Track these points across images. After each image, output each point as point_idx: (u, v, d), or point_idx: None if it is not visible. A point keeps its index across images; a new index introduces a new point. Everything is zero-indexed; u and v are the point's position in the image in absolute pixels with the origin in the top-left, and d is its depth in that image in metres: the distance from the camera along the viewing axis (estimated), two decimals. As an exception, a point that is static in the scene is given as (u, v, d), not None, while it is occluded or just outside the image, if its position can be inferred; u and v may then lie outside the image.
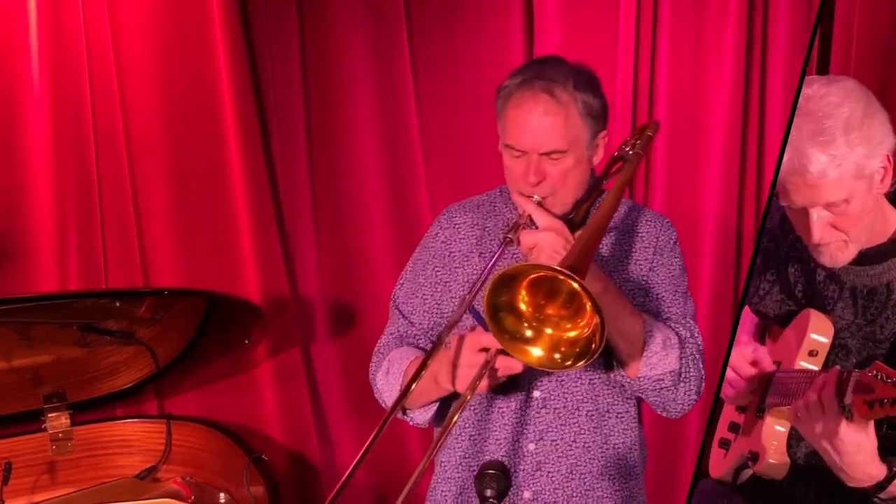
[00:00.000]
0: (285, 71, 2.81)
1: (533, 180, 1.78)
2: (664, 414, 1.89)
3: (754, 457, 1.87)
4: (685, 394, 1.83)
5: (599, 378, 1.89)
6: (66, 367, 2.57)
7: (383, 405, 1.93)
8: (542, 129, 1.76)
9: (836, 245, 1.76)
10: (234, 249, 2.79)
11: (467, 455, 1.92)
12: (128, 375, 2.67)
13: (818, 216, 1.73)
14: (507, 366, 1.70)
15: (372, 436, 1.53)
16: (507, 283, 1.57)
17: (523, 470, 1.88)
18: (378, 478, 2.92)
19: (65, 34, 2.57)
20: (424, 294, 1.94)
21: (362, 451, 1.53)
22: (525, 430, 1.89)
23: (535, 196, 1.79)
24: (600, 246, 1.89)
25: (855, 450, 1.64)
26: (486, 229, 1.94)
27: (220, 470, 2.66)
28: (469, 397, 1.67)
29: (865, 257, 1.78)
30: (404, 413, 1.88)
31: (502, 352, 1.65)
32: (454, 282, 1.92)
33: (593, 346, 1.54)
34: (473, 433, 1.91)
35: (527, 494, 1.89)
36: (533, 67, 1.83)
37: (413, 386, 1.64)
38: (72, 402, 2.59)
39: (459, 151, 2.90)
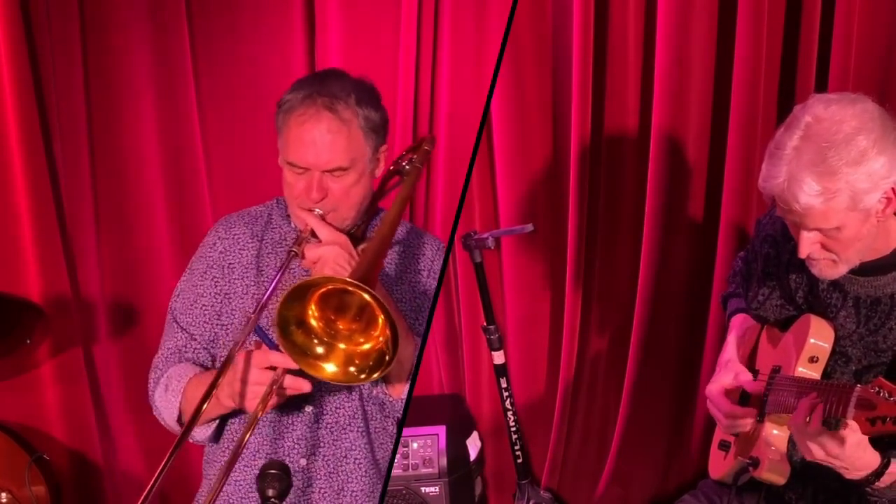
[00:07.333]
0: (67, 70, 2.78)
1: (316, 197, 1.78)
2: None
3: (755, 462, 1.86)
4: None
5: (365, 394, 1.88)
6: None
7: (162, 423, 1.89)
8: (325, 147, 1.76)
9: (824, 262, 1.73)
10: (15, 249, 2.77)
11: (236, 469, 1.88)
12: None
13: (807, 235, 1.69)
14: (295, 386, 1.67)
15: (162, 464, 1.45)
16: (298, 297, 1.54)
17: (294, 486, 1.81)
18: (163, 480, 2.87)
19: None
20: (204, 304, 1.91)
21: (153, 480, 1.43)
22: (297, 445, 1.87)
23: (317, 210, 1.78)
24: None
25: (853, 451, 1.63)
26: (264, 242, 1.93)
27: (2, 470, 2.65)
28: (260, 416, 1.63)
29: (868, 269, 1.76)
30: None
31: (290, 370, 1.62)
32: (233, 293, 1.90)
33: (387, 356, 1.54)
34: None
35: None
36: (314, 82, 1.81)
37: (204, 406, 1.55)
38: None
39: (241, 151, 2.87)
